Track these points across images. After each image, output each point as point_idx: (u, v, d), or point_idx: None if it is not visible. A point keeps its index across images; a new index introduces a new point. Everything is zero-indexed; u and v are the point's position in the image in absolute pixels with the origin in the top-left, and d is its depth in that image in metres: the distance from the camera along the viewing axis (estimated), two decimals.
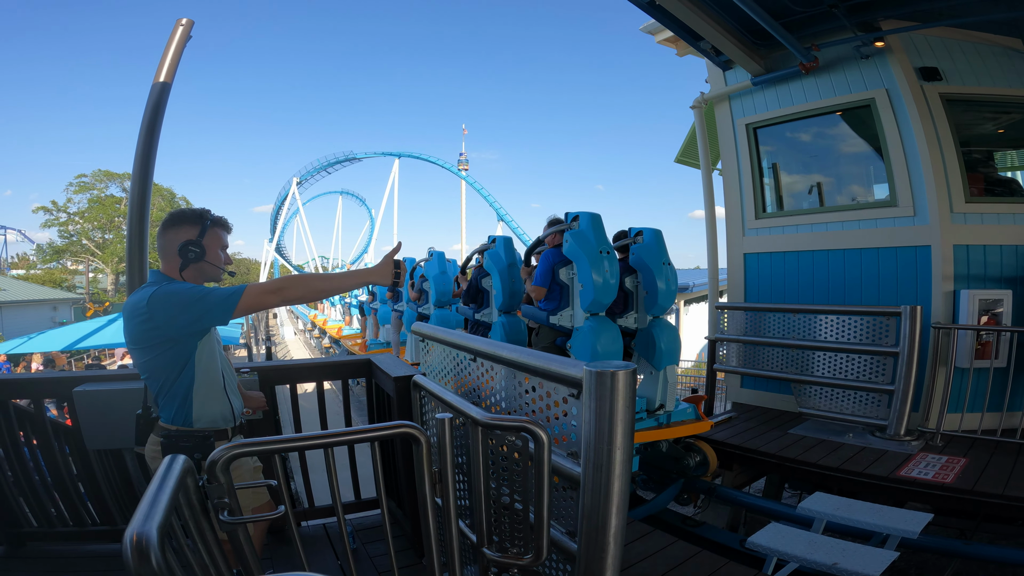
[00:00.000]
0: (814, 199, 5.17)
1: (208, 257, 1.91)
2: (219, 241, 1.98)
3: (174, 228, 1.90)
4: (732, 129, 5.50)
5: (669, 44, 6.09)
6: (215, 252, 1.95)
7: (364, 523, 3.00)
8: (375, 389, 3.02)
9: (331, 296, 1.74)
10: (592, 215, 4.57)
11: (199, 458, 1.80)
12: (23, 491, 2.68)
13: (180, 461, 1.16)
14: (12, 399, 2.64)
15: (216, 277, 1.98)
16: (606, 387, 1.16)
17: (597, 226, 4.53)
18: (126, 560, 0.83)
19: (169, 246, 1.89)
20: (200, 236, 1.90)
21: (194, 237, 1.90)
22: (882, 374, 4.08)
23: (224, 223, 2.01)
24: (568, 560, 1.43)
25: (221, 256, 1.98)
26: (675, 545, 2.80)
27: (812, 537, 2.75)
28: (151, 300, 1.74)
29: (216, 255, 1.95)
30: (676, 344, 4.76)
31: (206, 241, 1.91)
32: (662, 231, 4.90)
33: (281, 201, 48.39)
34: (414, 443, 1.48)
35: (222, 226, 1.99)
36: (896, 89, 4.38)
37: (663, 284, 4.75)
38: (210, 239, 1.93)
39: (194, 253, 1.88)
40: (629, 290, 5.02)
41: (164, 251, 1.91)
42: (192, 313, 1.75)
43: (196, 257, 1.88)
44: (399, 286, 1.92)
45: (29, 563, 2.61)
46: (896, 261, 4.46)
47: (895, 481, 3.38)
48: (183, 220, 1.92)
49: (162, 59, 3.77)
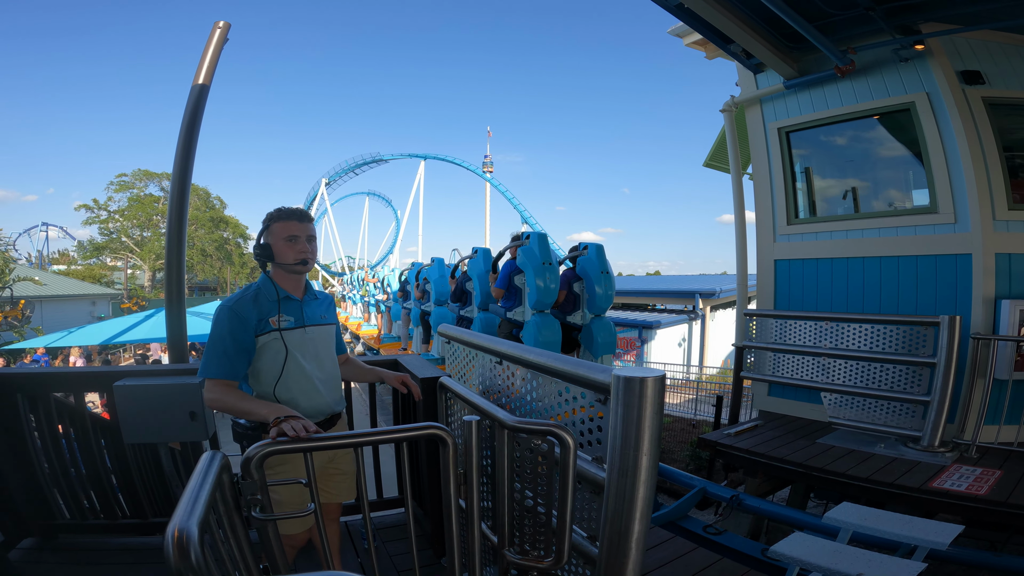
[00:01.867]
0: (849, 205, 5.04)
1: (277, 257, 1.98)
2: (283, 233, 1.99)
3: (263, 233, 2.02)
4: (764, 133, 5.40)
5: (698, 47, 6.02)
6: (281, 249, 1.98)
7: (384, 522, 3.03)
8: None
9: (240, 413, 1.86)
10: (540, 235, 5.98)
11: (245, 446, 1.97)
12: (58, 483, 2.74)
13: (218, 458, 1.20)
14: (53, 392, 2.70)
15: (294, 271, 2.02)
16: (634, 393, 1.16)
17: (543, 244, 5.90)
18: (167, 554, 0.86)
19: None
20: (259, 238, 2.02)
21: (259, 241, 2.02)
22: (917, 384, 3.97)
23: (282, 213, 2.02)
24: (588, 564, 1.43)
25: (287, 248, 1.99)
26: (695, 552, 2.77)
27: (837, 547, 2.68)
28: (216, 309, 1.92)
29: (283, 251, 1.98)
30: (612, 337, 6.07)
31: (272, 238, 1.98)
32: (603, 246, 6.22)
33: (310, 201, 49.26)
34: (441, 444, 1.49)
35: (282, 218, 2.00)
36: (937, 93, 4.24)
37: (600, 289, 6.00)
38: (274, 236, 1.98)
39: (259, 257, 2.01)
40: (577, 293, 6.21)
41: None
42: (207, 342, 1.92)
43: (262, 260, 2.00)
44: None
45: (60, 555, 2.66)
46: (935, 269, 4.32)
47: (926, 492, 3.29)
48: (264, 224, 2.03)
49: (200, 61, 3.90)
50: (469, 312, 7.83)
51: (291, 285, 2.04)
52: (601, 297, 6.13)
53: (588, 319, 6.25)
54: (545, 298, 5.83)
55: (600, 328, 6.13)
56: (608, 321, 6.28)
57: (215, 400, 1.87)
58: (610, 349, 6.08)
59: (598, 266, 6.16)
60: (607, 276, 6.18)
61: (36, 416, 2.66)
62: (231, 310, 1.91)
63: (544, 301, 5.84)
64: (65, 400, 2.79)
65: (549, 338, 5.78)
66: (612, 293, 6.23)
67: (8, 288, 14.73)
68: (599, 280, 6.08)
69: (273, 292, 1.99)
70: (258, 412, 1.77)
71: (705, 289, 20.54)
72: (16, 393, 2.59)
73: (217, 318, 1.90)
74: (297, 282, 2.06)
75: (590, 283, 6.14)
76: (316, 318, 2.10)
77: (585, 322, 6.22)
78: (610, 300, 6.26)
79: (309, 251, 2.02)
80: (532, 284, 5.85)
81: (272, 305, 1.97)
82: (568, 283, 6.32)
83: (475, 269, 7.33)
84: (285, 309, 1.99)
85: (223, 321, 1.89)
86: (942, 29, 4.22)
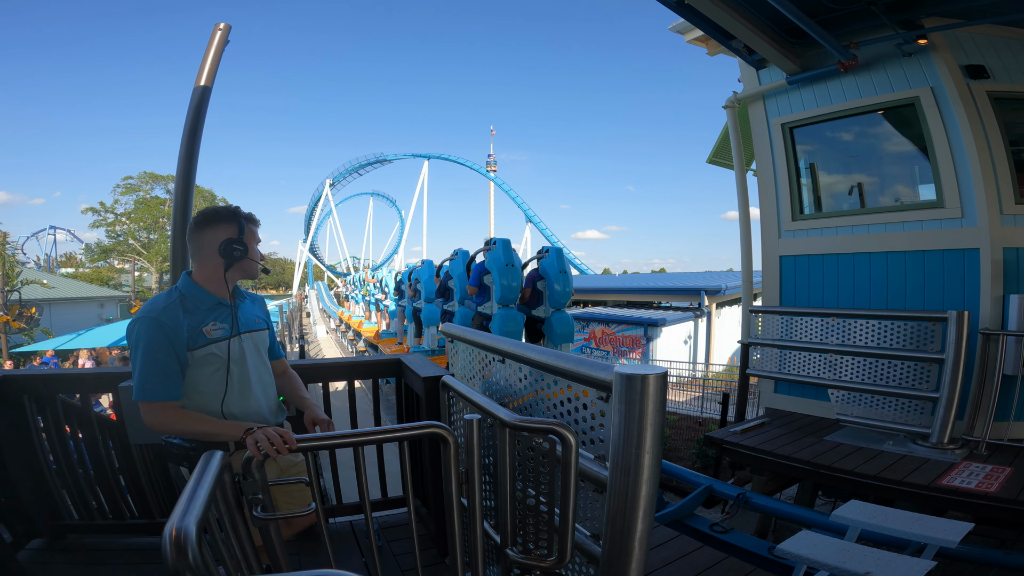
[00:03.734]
0: (855, 200, 5.01)
1: (250, 255, 1.87)
2: (255, 237, 1.93)
3: (211, 227, 1.82)
4: (767, 129, 5.37)
5: (699, 43, 5.98)
6: (254, 249, 1.91)
7: (389, 521, 3.03)
8: (404, 389, 3.05)
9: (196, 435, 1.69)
10: (504, 241, 7.36)
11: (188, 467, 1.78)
12: (67, 484, 2.75)
13: (217, 457, 1.20)
14: (60, 393, 2.72)
15: (255, 275, 1.94)
16: (636, 391, 1.15)
17: (507, 248, 7.28)
18: (164, 554, 0.86)
19: (207, 246, 1.82)
20: (240, 234, 1.84)
21: (234, 235, 1.83)
22: (926, 381, 3.93)
23: (255, 219, 1.94)
24: (591, 563, 1.42)
25: (258, 253, 1.94)
26: (701, 551, 2.75)
27: (845, 545, 2.66)
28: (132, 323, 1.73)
29: (255, 252, 1.91)
30: (569, 328, 7.31)
31: (247, 238, 1.86)
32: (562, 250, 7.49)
33: (315, 202, 49.51)
34: (442, 443, 1.49)
35: (255, 222, 1.93)
36: (941, 87, 4.21)
37: (559, 287, 7.26)
38: (249, 237, 1.88)
39: (239, 251, 1.82)
40: (540, 290, 7.42)
41: (200, 251, 1.83)
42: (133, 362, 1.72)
43: (241, 255, 1.83)
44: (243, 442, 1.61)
45: (69, 555, 2.66)
46: (942, 264, 4.28)
47: (936, 490, 3.26)
48: (218, 219, 1.84)
49: (202, 63, 3.91)
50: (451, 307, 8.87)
51: (223, 290, 1.87)
52: (560, 293, 7.29)
53: (549, 313, 7.38)
54: (508, 295, 7.08)
55: (559, 320, 7.27)
56: (566, 314, 7.40)
57: (163, 424, 1.70)
58: (568, 339, 7.28)
59: (557, 267, 7.31)
60: (565, 275, 7.33)
61: (44, 418, 2.69)
62: (158, 322, 1.71)
63: (508, 297, 7.08)
64: (72, 402, 2.81)
65: (512, 328, 6.94)
66: (570, 290, 7.41)
67: (17, 291, 14.85)
68: (558, 279, 7.26)
69: (202, 297, 1.83)
70: (224, 433, 1.62)
71: (710, 286, 20.43)
72: (23, 395, 2.61)
73: (143, 332, 1.70)
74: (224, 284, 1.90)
75: (550, 281, 7.30)
76: (251, 323, 1.98)
77: (547, 315, 7.35)
78: (568, 296, 7.41)
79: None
80: (497, 283, 7.06)
81: (204, 313, 1.82)
82: (532, 282, 7.48)
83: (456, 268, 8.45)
84: (218, 316, 1.84)
85: (152, 335, 1.70)
86: (944, 23, 4.18)
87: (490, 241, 7.46)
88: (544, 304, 7.34)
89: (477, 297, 7.50)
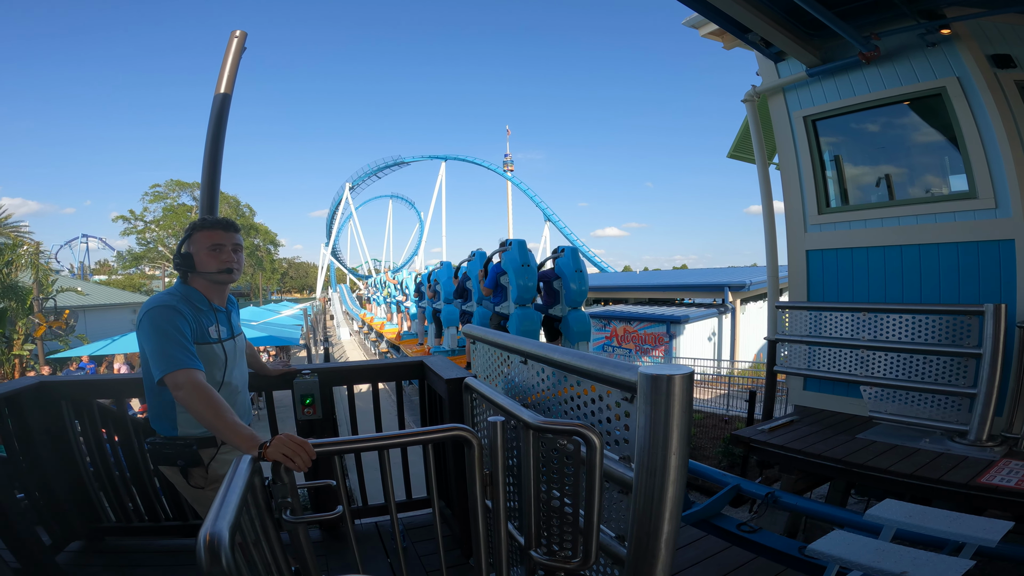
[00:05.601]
0: (883, 192, 4.88)
1: (197, 266, 1.89)
2: (204, 242, 1.90)
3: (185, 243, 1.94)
4: (789, 122, 5.27)
5: (714, 37, 5.88)
6: (202, 256, 1.90)
7: (413, 522, 3.04)
8: (427, 390, 3.07)
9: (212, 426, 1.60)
10: (519, 242, 7.58)
11: (182, 465, 1.83)
12: (104, 487, 2.83)
13: (247, 462, 1.21)
14: (97, 398, 2.79)
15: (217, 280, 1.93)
16: (662, 392, 1.13)
17: (522, 249, 7.48)
18: (199, 559, 0.87)
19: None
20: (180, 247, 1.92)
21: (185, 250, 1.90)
22: (963, 376, 3.81)
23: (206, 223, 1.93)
24: (616, 564, 1.41)
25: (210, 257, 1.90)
26: (728, 551, 2.71)
27: (879, 545, 2.59)
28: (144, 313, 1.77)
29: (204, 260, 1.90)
30: (586, 327, 7.41)
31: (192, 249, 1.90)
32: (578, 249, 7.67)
33: (335, 206, 50.18)
34: (466, 446, 1.49)
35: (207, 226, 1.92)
36: (968, 77, 4.09)
37: (575, 285, 7.37)
38: (195, 246, 1.90)
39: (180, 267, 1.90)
40: (556, 289, 7.58)
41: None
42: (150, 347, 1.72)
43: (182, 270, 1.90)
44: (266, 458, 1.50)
45: (107, 557, 2.72)
46: (977, 256, 4.15)
47: (975, 488, 3.16)
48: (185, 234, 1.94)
49: (220, 71, 3.98)
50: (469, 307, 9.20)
51: (215, 295, 1.96)
52: (576, 292, 7.43)
53: (566, 311, 7.53)
54: (525, 294, 7.30)
55: (576, 319, 7.42)
56: (583, 313, 7.56)
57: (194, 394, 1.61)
58: (585, 337, 7.39)
59: (572, 266, 7.46)
60: (580, 274, 7.44)
61: (81, 422, 2.76)
62: (175, 309, 1.77)
63: (524, 297, 7.30)
64: (108, 405, 2.87)
65: (529, 328, 7.19)
66: (586, 288, 7.56)
67: (52, 299, 15.37)
68: (574, 278, 7.39)
69: (204, 301, 1.91)
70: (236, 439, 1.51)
71: (734, 282, 20.09)
72: (61, 400, 2.69)
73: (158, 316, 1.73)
74: (221, 292, 1.98)
75: (566, 281, 7.46)
76: (238, 328, 2.08)
77: (564, 314, 7.50)
78: (584, 295, 7.57)
79: (234, 260, 1.93)
80: (514, 283, 7.28)
81: (206, 315, 1.89)
82: (548, 281, 7.65)
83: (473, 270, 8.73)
84: (218, 319, 1.93)
85: (169, 316, 1.73)
86: (967, 13, 4.06)
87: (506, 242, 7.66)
88: (561, 303, 7.54)
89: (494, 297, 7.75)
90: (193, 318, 1.82)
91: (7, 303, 13.60)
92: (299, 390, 2.72)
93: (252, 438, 1.48)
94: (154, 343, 1.71)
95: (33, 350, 14.07)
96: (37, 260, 15.65)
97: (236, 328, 2.07)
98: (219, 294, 1.98)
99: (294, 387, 2.72)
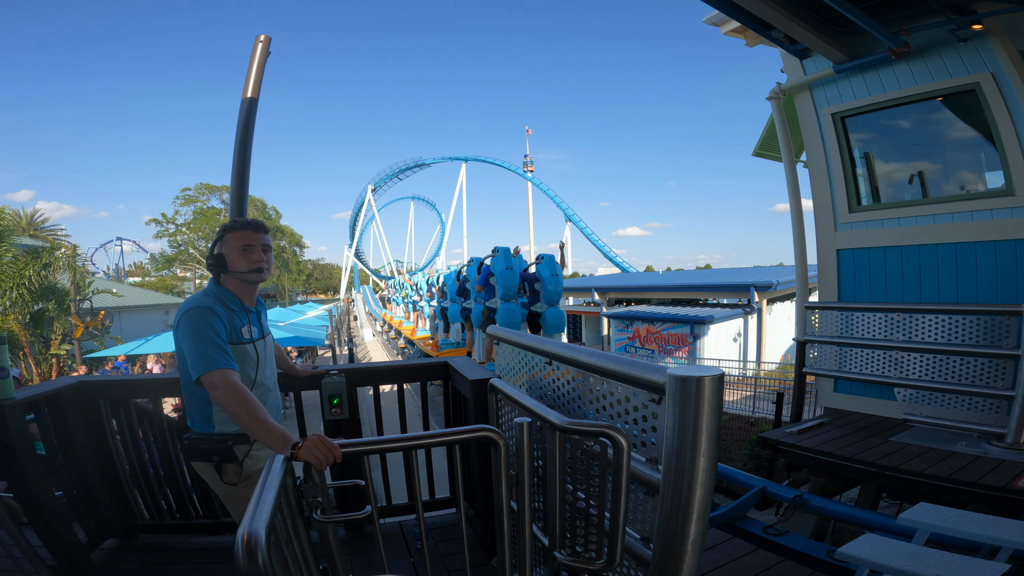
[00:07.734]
0: (916, 190, 4.74)
1: (229, 267, 1.95)
2: (235, 243, 1.95)
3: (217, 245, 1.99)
4: (816, 119, 5.15)
5: (736, 35, 5.79)
6: (233, 257, 1.95)
7: (436, 522, 3.07)
8: (452, 391, 3.08)
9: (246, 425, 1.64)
10: (504, 249, 9.70)
11: (217, 461, 1.87)
12: (139, 484, 2.89)
13: (280, 462, 1.24)
14: (134, 398, 2.86)
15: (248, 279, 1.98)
16: (691, 393, 1.12)
17: (506, 255, 9.60)
18: (237, 557, 0.89)
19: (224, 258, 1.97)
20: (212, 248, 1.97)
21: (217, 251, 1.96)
22: (1001, 378, 3.69)
23: (237, 224, 1.98)
24: (640, 566, 1.40)
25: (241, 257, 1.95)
26: (754, 554, 2.67)
27: (912, 548, 2.51)
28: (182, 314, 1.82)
29: (235, 260, 1.95)
30: (560, 321, 9.47)
31: (223, 250, 1.95)
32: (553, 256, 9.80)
33: (358, 207, 50.74)
34: (492, 447, 1.49)
35: (237, 227, 1.97)
36: (1003, 73, 3.97)
37: (551, 287, 9.45)
38: (226, 247, 1.96)
39: (212, 268, 1.96)
40: (537, 290, 9.59)
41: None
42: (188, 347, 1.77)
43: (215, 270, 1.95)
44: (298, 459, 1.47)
45: (141, 554, 2.78)
46: (1015, 255, 4.00)
47: (1012, 492, 3.07)
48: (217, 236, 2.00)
49: (247, 76, 4.05)
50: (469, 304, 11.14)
51: (246, 295, 2.01)
52: (552, 292, 9.46)
53: (544, 308, 9.49)
54: (508, 292, 9.31)
55: (552, 314, 9.47)
56: (559, 309, 9.58)
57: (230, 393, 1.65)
58: (559, 330, 9.51)
59: (549, 271, 9.50)
60: (556, 277, 9.48)
61: (118, 421, 2.83)
62: (210, 309, 1.82)
63: (507, 294, 9.32)
64: (144, 404, 2.94)
65: (511, 320, 9.06)
66: (560, 289, 9.63)
67: (88, 300, 15.88)
68: (549, 280, 9.45)
69: (236, 301, 1.95)
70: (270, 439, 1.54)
71: (760, 281, 19.70)
72: (99, 399, 2.77)
73: (196, 317, 1.79)
74: (251, 292, 2.03)
75: (544, 283, 9.48)
76: (267, 328, 2.12)
77: (542, 310, 9.47)
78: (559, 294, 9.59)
79: (264, 260, 1.97)
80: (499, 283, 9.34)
81: (238, 315, 1.93)
82: (531, 283, 9.63)
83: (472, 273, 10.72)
84: (250, 320, 1.98)
85: (207, 318, 1.79)
86: (998, 8, 3.93)
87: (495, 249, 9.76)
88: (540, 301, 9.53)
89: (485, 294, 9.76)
90: (227, 319, 1.87)
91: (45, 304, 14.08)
92: (327, 390, 2.76)
93: (285, 438, 1.50)
94: (192, 343, 1.76)
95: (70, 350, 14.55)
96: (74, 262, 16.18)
97: (265, 328, 2.12)
98: (250, 295, 2.03)
99: (322, 387, 2.76)
